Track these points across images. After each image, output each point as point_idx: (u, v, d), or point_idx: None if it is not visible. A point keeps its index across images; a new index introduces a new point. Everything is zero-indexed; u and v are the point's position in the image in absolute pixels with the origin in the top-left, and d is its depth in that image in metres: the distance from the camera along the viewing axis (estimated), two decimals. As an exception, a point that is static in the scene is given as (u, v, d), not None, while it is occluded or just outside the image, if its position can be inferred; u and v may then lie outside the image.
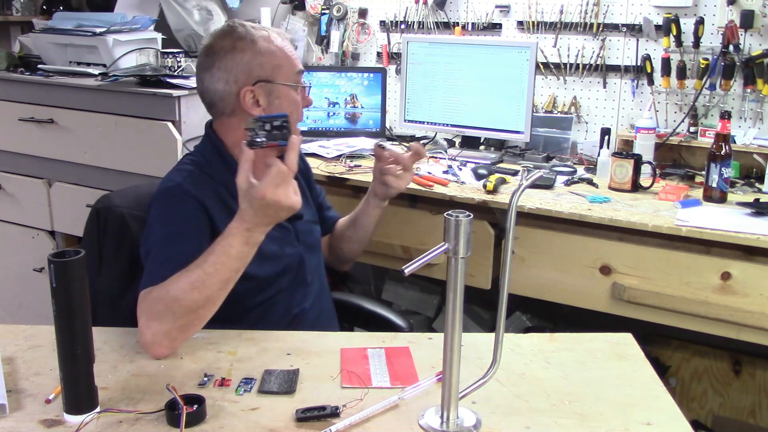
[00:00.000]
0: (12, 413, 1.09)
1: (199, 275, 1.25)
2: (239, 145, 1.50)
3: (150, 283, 1.31)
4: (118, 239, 1.62)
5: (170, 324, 1.25)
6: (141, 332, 1.26)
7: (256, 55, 1.50)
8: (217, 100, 1.52)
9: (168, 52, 2.74)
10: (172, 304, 1.25)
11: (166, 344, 1.26)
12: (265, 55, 1.50)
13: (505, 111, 2.54)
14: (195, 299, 1.25)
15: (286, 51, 1.53)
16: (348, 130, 2.79)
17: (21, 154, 2.83)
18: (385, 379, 1.21)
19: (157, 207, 1.45)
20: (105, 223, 1.64)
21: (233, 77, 1.49)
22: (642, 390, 1.21)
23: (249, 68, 1.49)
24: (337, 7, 2.97)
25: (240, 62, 1.49)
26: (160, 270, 1.31)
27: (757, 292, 1.84)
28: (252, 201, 1.23)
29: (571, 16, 2.61)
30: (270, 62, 1.50)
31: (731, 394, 2.48)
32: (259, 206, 1.23)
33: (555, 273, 2.07)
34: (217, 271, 1.25)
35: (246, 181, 1.23)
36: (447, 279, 1.04)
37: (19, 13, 3.42)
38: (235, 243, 1.26)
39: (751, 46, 2.35)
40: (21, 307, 3.02)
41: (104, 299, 1.60)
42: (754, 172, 2.32)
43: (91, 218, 1.66)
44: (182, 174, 1.49)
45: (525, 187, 1.06)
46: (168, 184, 1.48)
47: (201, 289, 1.25)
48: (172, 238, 1.39)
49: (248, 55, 1.49)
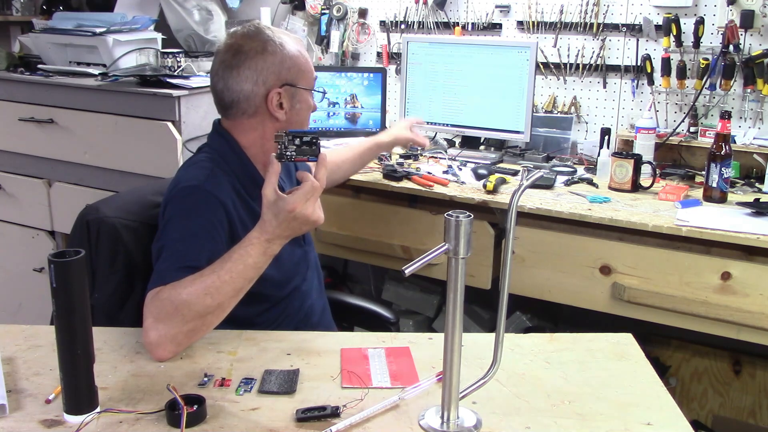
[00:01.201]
0: (12, 413, 1.09)
1: (213, 281, 1.25)
2: (255, 146, 1.53)
3: (160, 283, 1.29)
4: (112, 251, 1.54)
5: (178, 327, 1.24)
6: (146, 332, 1.25)
7: (285, 58, 1.51)
8: (242, 100, 1.51)
9: (168, 52, 2.74)
10: (182, 307, 1.24)
11: (170, 347, 1.25)
12: (292, 59, 1.52)
13: (505, 111, 2.54)
14: (207, 305, 1.24)
15: (306, 57, 1.57)
16: (348, 130, 2.79)
17: (21, 154, 2.83)
18: (386, 379, 1.21)
19: (176, 205, 1.42)
20: (97, 236, 1.54)
21: (263, 78, 1.49)
22: (642, 390, 1.20)
23: (279, 71, 1.50)
24: (337, 7, 2.97)
25: (271, 64, 1.50)
26: (171, 271, 1.30)
27: (757, 292, 1.84)
28: (279, 213, 1.24)
29: (571, 16, 2.61)
30: (296, 66, 1.53)
31: (731, 394, 2.48)
32: (284, 218, 1.24)
33: (555, 273, 2.07)
34: (232, 279, 1.25)
35: (273, 193, 1.24)
36: (447, 279, 1.04)
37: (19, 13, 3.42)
38: (253, 252, 1.26)
39: (751, 46, 2.35)
40: (21, 307, 3.02)
41: (102, 315, 1.51)
42: (754, 172, 2.32)
43: (80, 230, 1.56)
44: (204, 172, 1.47)
45: (525, 187, 1.06)
46: (189, 182, 1.44)
47: (214, 295, 1.24)
48: (188, 239, 1.37)
49: (278, 57, 1.50)
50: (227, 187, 1.47)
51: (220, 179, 1.47)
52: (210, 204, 1.42)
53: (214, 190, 1.43)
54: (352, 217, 2.36)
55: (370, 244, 2.31)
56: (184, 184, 1.45)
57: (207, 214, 1.40)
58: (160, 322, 1.24)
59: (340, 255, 2.49)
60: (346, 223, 2.36)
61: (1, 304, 3.06)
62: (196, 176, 1.46)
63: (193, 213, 1.40)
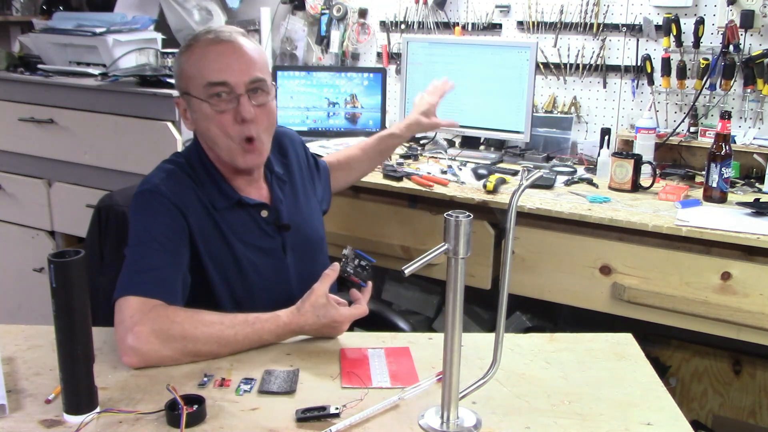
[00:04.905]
0: (12, 413, 1.09)
1: (228, 337, 1.25)
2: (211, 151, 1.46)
3: (126, 293, 1.26)
4: (118, 237, 1.61)
5: (172, 353, 1.22)
6: (135, 336, 1.21)
7: (181, 62, 1.44)
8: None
9: (168, 52, 2.74)
10: (190, 341, 1.23)
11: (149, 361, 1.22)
12: (185, 63, 1.43)
13: (505, 111, 2.54)
14: (210, 351, 1.25)
15: (205, 57, 1.40)
16: (348, 131, 2.79)
17: (21, 154, 2.83)
18: (385, 379, 1.21)
19: (133, 209, 1.40)
20: (106, 222, 1.64)
21: (176, 85, 1.48)
22: (642, 390, 1.20)
23: (178, 77, 1.46)
24: (337, 7, 2.97)
25: (175, 71, 1.47)
26: (134, 281, 1.29)
27: (757, 292, 1.84)
28: (323, 316, 1.30)
29: (571, 16, 2.61)
30: (185, 72, 1.43)
31: (731, 394, 2.48)
32: (324, 324, 1.30)
33: (555, 273, 2.07)
34: (241, 343, 1.27)
35: (324, 296, 1.30)
36: (447, 279, 1.04)
37: (19, 13, 3.42)
38: (273, 332, 1.29)
39: (751, 46, 2.35)
40: (21, 307, 3.02)
41: (104, 297, 1.55)
42: (754, 172, 2.32)
43: (93, 217, 1.67)
44: (160, 175, 1.43)
45: (525, 187, 1.06)
46: (144, 186, 1.42)
47: (221, 346, 1.26)
48: (145, 246, 1.34)
49: (177, 62, 1.46)
50: (185, 189, 1.42)
51: (179, 182, 1.42)
52: (163, 205, 1.38)
53: (169, 190, 1.39)
54: (352, 217, 2.36)
55: (370, 244, 2.31)
56: (140, 187, 1.43)
57: (161, 217, 1.37)
58: (158, 339, 1.22)
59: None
60: (346, 223, 2.36)
61: (1, 304, 3.06)
62: (151, 179, 1.43)
63: (149, 216, 1.38)
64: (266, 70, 1.46)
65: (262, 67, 1.44)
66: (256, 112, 1.41)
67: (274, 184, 1.56)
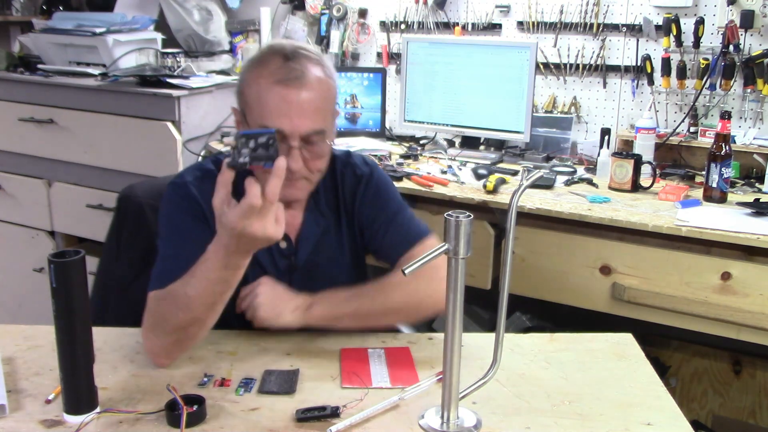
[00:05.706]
0: (12, 413, 1.09)
1: (182, 297, 1.20)
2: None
3: (155, 286, 1.28)
4: (135, 228, 1.68)
5: (164, 339, 1.23)
6: (144, 340, 1.26)
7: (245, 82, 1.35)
8: None
9: (168, 52, 2.74)
10: (161, 321, 1.23)
11: (164, 356, 1.24)
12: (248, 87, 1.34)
13: (505, 111, 2.54)
14: (181, 319, 1.21)
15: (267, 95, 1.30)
16: (348, 131, 2.79)
17: (21, 154, 2.83)
18: (386, 379, 1.21)
19: (163, 202, 1.41)
20: (125, 212, 1.70)
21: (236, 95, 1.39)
22: (642, 390, 1.20)
23: (238, 91, 1.37)
24: (337, 7, 2.97)
25: (239, 79, 1.38)
26: (163, 273, 1.29)
27: (757, 292, 1.84)
28: (225, 228, 1.13)
29: (571, 16, 2.61)
30: (246, 95, 1.34)
31: (731, 394, 2.48)
32: (231, 235, 1.12)
33: (555, 273, 2.07)
34: (199, 295, 1.19)
35: (220, 206, 1.12)
36: (447, 279, 1.04)
37: (19, 13, 3.42)
38: (213, 267, 1.17)
39: (751, 46, 2.35)
40: (21, 307, 3.02)
41: (117, 285, 1.67)
42: (754, 172, 2.32)
43: (116, 205, 1.75)
44: (195, 173, 1.41)
45: (525, 187, 1.06)
46: (176, 179, 1.41)
47: (185, 310, 1.20)
48: (174, 238, 1.35)
49: (243, 75, 1.37)
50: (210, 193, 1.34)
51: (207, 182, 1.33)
52: (189, 202, 1.37)
53: (196, 190, 1.37)
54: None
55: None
56: (171, 180, 1.42)
57: (188, 212, 1.36)
58: (150, 332, 1.24)
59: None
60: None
61: (1, 304, 3.06)
62: (184, 175, 1.42)
63: (177, 209, 1.37)
64: (329, 116, 1.36)
65: (325, 114, 1.34)
66: (305, 158, 1.33)
67: (310, 217, 1.46)
